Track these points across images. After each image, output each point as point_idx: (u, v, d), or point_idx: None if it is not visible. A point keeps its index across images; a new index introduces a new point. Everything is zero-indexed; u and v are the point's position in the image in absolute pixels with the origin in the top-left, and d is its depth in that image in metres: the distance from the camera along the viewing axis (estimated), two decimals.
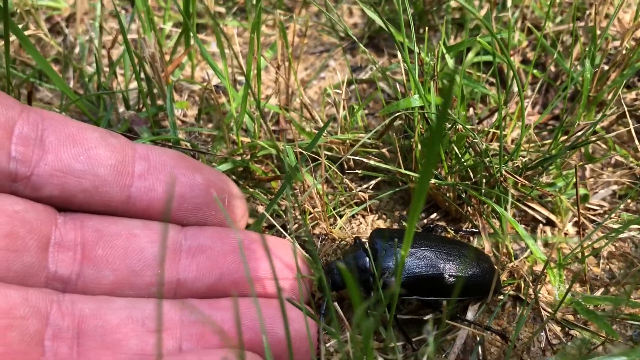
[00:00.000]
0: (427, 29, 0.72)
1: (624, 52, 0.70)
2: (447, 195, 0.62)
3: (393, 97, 0.76)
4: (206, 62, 0.81)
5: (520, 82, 0.79)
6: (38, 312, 0.43)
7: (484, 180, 0.60)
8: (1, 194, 0.45)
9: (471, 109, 0.67)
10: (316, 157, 0.65)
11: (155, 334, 0.45)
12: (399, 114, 0.62)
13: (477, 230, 0.61)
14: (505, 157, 0.60)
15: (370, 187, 0.66)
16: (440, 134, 0.29)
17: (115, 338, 0.44)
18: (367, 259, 0.52)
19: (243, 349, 0.44)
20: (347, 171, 0.67)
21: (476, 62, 0.76)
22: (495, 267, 0.56)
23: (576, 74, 0.71)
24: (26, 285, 0.44)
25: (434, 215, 0.64)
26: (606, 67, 0.71)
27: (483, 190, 0.60)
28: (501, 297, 0.58)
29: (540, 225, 0.64)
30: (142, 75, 0.67)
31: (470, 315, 0.55)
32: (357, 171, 0.64)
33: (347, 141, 0.64)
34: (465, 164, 0.60)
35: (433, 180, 0.60)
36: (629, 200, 0.66)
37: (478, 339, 0.54)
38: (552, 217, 0.63)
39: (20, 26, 0.76)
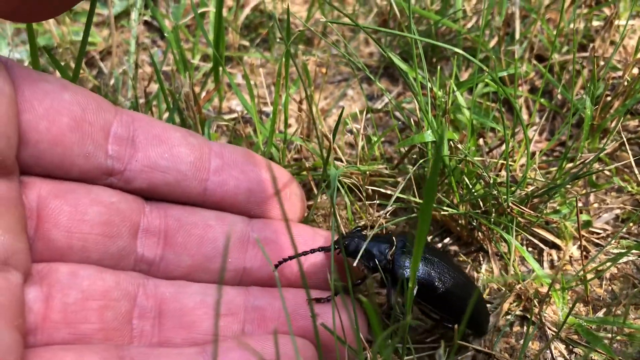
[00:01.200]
0: (438, 61, 0.77)
1: (625, 83, 0.75)
2: (459, 222, 0.67)
3: (407, 124, 0.81)
4: (233, 92, 0.87)
5: (528, 111, 0.84)
6: (128, 295, 0.50)
7: (493, 209, 0.65)
8: (100, 186, 0.52)
9: (481, 139, 0.72)
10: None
11: (223, 317, 0.52)
12: (414, 150, 0.67)
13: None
14: (513, 187, 0.65)
15: (387, 213, 0.71)
16: (433, 195, 0.34)
17: (190, 319, 0.51)
18: (389, 249, 0.57)
19: (293, 335, 0.51)
20: (366, 200, 0.73)
21: (486, 92, 0.81)
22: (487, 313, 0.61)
23: (581, 103, 0.75)
24: (119, 265, 0.52)
25: (447, 240, 0.69)
26: (609, 97, 0.76)
27: (492, 218, 0.65)
28: (509, 317, 0.62)
29: (547, 248, 0.69)
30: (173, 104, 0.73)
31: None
32: (376, 201, 0.69)
33: (367, 172, 0.69)
34: (475, 194, 0.64)
35: (446, 209, 0.65)
36: (630, 224, 0.71)
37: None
38: (557, 241, 0.68)
39: (62, 63, 0.82)
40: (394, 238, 0.59)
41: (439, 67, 0.70)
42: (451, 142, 0.64)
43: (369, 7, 1.00)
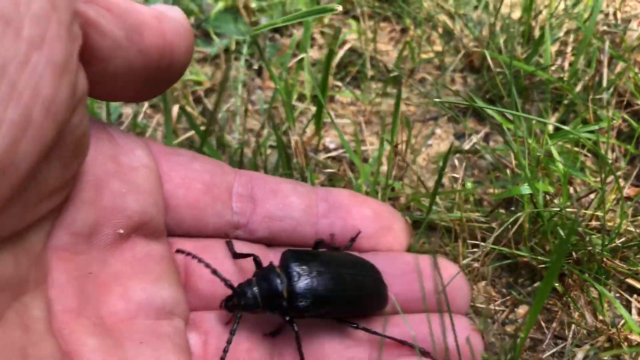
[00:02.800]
0: (524, 102, 0.81)
1: None
2: None
3: (496, 166, 0.86)
4: (325, 130, 0.93)
5: (614, 155, 0.87)
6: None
7: (585, 258, 0.69)
8: (229, 240, 0.60)
9: (570, 187, 0.76)
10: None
11: (352, 348, 0.58)
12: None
13: None
14: (605, 239, 0.68)
15: (480, 256, 0.76)
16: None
17: (322, 353, 0.57)
18: (280, 283, 0.56)
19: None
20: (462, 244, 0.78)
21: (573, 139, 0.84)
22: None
23: None
24: None
25: (537, 284, 0.74)
26: None
27: (584, 268, 0.69)
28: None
29: (635, 294, 0.72)
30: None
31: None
32: (475, 250, 0.74)
33: (463, 219, 0.74)
34: (569, 244, 0.69)
35: (540, 258, 0.70)
36: None
37: None
38: None
39: (177, 106, 0.90)
40: (278, 271, 0.57)
41: (532, 123, 0.74)
42: (547, 195, 0.69)
43: (454, 45, 1.05)
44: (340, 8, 0.62)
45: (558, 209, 0.67)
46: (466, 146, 0.91)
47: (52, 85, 0.38)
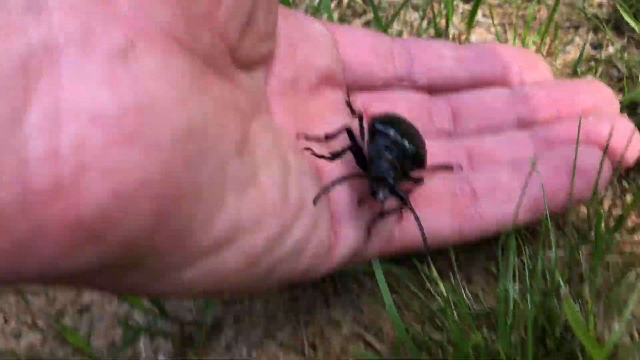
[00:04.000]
0: None
1: None
2: None
3: (628, 75, 0.93)
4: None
5: None
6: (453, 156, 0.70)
7: None
8: (398, 90, 0.73)
9: None
10: None
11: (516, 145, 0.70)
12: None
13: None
14: None
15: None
16: None
17: (496, 160, 0.69)
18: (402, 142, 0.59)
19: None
20: None
21: None
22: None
23: None
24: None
25: None
26: None
27: None
28: None
29: None
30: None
31: None
32: None
33: None
34: None
35: None
36: None
37: None
38: None
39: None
40: (389, 133, 0.60)
41: None
42: None
43: None
44: None
45: None
46: (603, 55, 0.99)
47: None
